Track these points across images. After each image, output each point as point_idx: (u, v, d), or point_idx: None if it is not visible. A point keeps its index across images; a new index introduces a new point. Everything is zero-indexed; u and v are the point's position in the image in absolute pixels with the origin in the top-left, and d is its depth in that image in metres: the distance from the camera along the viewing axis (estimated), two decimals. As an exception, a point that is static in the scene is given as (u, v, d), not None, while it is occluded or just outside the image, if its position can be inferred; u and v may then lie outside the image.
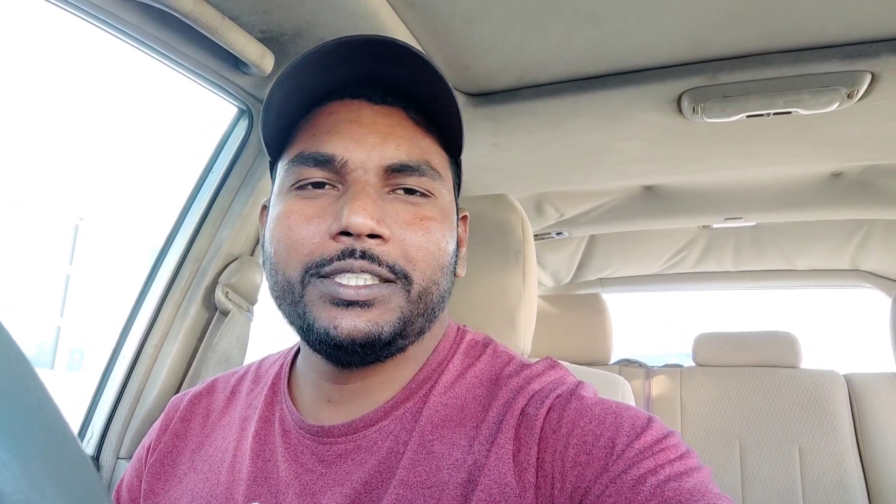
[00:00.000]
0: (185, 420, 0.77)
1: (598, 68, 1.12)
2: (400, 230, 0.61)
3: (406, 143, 0.63)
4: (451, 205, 0.68)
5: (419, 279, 0.62)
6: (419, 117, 0.66)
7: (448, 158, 0.70)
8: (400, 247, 0.61)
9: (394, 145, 0.62)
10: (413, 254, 0.61)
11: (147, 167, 8.92)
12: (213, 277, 1.22)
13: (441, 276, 0.64)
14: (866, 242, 2.28)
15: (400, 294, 0.61)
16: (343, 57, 0.62)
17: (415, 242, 0.61)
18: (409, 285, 0.61)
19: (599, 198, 2.03)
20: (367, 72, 0.63)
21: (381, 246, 0.59)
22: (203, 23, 0.87)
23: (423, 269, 0.62)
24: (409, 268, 0.61)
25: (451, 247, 0.65)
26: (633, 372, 2.32)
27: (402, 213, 0.62)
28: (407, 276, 0.61)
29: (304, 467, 0.64)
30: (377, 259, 0.59)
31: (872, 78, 1.06)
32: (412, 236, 0.61)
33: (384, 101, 0.65)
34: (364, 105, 0.64)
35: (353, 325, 0.59)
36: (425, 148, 0.65)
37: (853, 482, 1.90)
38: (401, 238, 0.61)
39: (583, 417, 0.59)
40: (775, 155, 1.45)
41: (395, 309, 0.60)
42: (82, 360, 8.75)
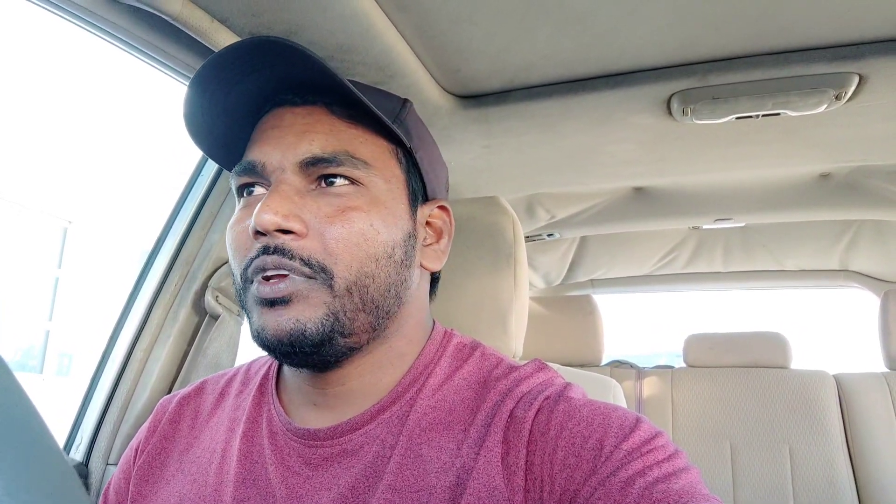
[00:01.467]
0: (174, 422, 0.76)
1: (588, 70, 1.12)
2: (319, 224, 0.61)
3: (321, 137, 0.63)
4: (389, 193, 0.66)
5: (343, 272, 0.61)
6: (346, 110, 0.66)
7: (390, 147, 0.68)
8: (319, 240, 0.61)
9: (307, 141, 0.63)
10: (332, 246, 0.61)
11: (136, 170, 8.87)
12: (202, 281, 1.22)
13: (376, 268, 0.63)
14: (855, 243, 2.29)
15: (321, 289, 0.60)
16: (242, 67, 0.64)
17: (334, 235, 0.61)
18: (329, 279, 0.60)
19: (590, 199, 2.03)
20: (279, 77, 0.65)
21: (297, 241, 0.60)
22: (191, 25, 0.86)
23: (346, 261, 0.61)
24: (329, 261, 0.61)
25: (387, 236, 0.64)
26: (625, 373, 2.33)
27: (324, 207, 0.62)
28: (325, 270, 0.60)
29: (291, 470, 0.64)
30: (289, 253, 0.60)
31: (860, 80, 1.06)
32: (331, 229, 0.61)
33: (304, 101, 0.66)
34: (286, 110, 0.66)
35: (277, 323, 0.60)
36: (347, 139, 0.64)
37: (843, 481, 1.91)
38: (319, 231, 0.61)
39: (571, 419, 0.58)
40: (764, 156, 1.45)
41: (319, 305, 0.60)
42: (71, 364, 8.69)
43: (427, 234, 0.72)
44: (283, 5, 0.87)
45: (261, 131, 0.66)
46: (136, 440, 0.78)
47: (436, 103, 1.18)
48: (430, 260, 0.72)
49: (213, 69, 0.63)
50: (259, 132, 0.67)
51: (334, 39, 0.95)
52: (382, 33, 0.95)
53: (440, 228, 0.74)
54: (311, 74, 0.63)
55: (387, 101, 0.70)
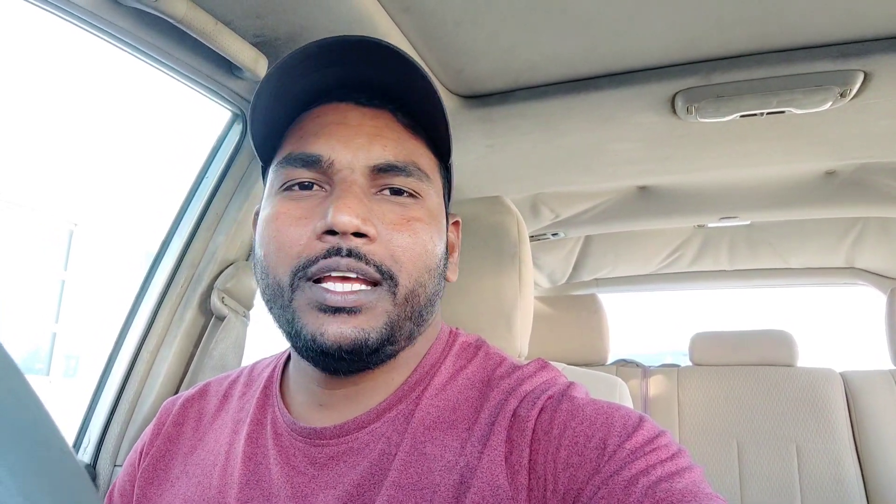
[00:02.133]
0: (178, 424, 0.76)
1: (592, 70, 1.12)
2: (386, 230, 0.61)
3: (393, 144, 0.63)
4: (439, 207, 0.67)
5: (405, 280, 0.61)
6: (407, 119, 0.66)
7: (437, 162, 0.69)
8: (386, 247, 0.60)
9: (380, 146, 0.62)
10: (399, 254, 0.61)
11: (141, 172, 8.90)
12: (208, 283, 1.22)
13: (428, 279, 0.64)
14: (861, 240, 2.28)
15: (386, 298, 0.60)
16: (328, 59, 0.62)
17: (401, 243, 0.61)
18: (394, 287, 0.61)
19: (594, 198, 2.03)
20: (353, 74, 0.64)
21: (368, 245, 0.59)
22: (196, 28, 0.86)
23: (409, 270, 0.61)
24: (396, 268, 0.61)
25: (438, 249, 0.65)
26: (630, 372, 2.33)
27: (389, 214, 0.62)
28: (392, 277, 0.60)
29: (296, 470, 0.64)
30: (364, 257, 0.59)
31: (865, 77, 1.06)
32: (398, 237, 0.61)
33: (371, 103, 0.65)
34: (351, 107, 0.65)
35: (340, 331, 0.58)
36: (412, 149, 0.65)
37: (850, 479, 1.91)
38: (387, 238, 0.61)
39: (574, 418, 0.59)
40: (769, 154, 1.45)
41: (382, 314, 0.60)
42: (78, 366, 8.72)
43: None
44: (287, 7, 0.88)
45: (321, 124, 0.64)
46: (140, 442, 0.78)
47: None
48: (451, 272, 0.73)
49: (303, 59, 0.61)
50: (318, 124, 0.64)
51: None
52: (386, 35, 0.95)
53: (452, 242, 0.75)
54: (399, 81, 0.62)
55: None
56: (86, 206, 8.62)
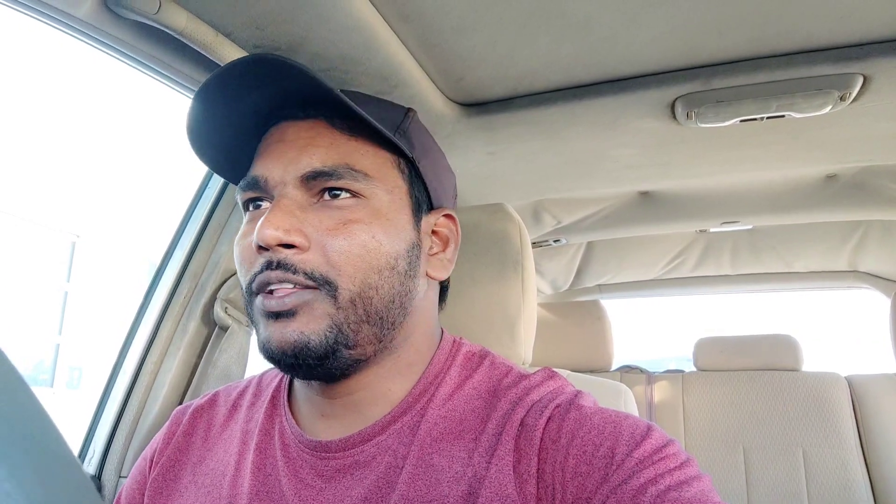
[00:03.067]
0: (188, 434, 0.76)
1: (591, 76, 1.12)
2: (321, 237, 0.62)
3: (322, 151, 0.64)
4: (392, 204, 0.66)
5: (346, 283, 0.61)
6: (346, 123, 0.66)
7: (392, 158, 0.68)
8: (321, 253, 0.61)
9: (308, 155, 0.63)
10: (335, 259, 0.61)
11: (143, 184, 8.92)
12: (211, 293, 1.22)
13: (378, 279, 0.63)
14: (863, 243, 2.28)
15: (325, 301, 0.61)
16: (244, 82, 0.64)
17: (336, 247, 0.61)
18: (333, 291, 0.61)
19: (596, 204, 2.03)
20: (281, 92, 0.66)
21: (299, 255, 0.61)
22: (196, 39, 0.87)
23: (349, 273, 0.61)
24: (333, 273, 0.61)
25: (388, 248, 0.64)
26: (635, 378, 2.32)
27: (326, 220, 0.62)
28: (329, 282, 0.61)
29: (304, 482, 0.64)
30: (292, 267, 0.60)
31: (864, 80, 1.06)
32: (333, 241, 0.61)
33: (306, 115, 0.66)
34: (290, 124, 0.67)
35: (281, 335, 0.60)
36: (347, 152, 0.64)
37: (858, 484, 1.90)
38: (321, 244, 0.61)
39: (582, 427, 0.58)
40: (770, 158, 1.45)
41: (323, 316, 0.61)
42: (81, 377, 8.72)
43: (433, 243, 0.72)
44: (286, 18, 0.88)
45: (265, 146, 0.67)
46: (150, 450, 0.78)
47: (440, 112, 1.18)
48: (436, 269, 0.72)
49: (217, 83, 0.64)
50: (263, 146, 0.67)
51: (337, 50, 0.95)
52: (385, 44, 0.95)
53: (446, 237, 0.74)
54: (310, 89, 0.63)
55: (389, 112, 0.70)
56: (88, 218, 8.64)
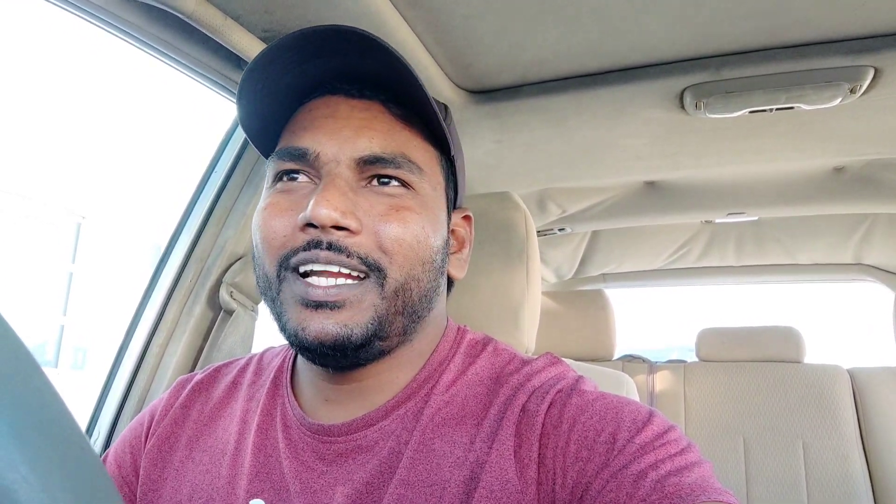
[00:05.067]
0: (186, 407, 0.76)
1: (600, 65, 1.12)
2: (373, 221, 0.60)
3: (380, 136, 0.62)
4: (435, 200, 0.66)
5: (395, 273, 0.60)
6: (401, 110, 0.65)
7: (436, 154, 0.68)
8: (373, 238, 0.60)
9: (367, 138, 0.62)
10: (388, 245, 0.60)
11: (149, 166, 8.92)
12: (217, 277, 1.23)
13: (422, 272, 0.63)
14: (869, 236, 2.27)
15: (373, 291, 0.60)
16: (309, 51, 0.61)
17: (390, 233, 0.60)
18: (382, 279, 0.60)
19: (602, 193, 2.03)
20: (341, 66, 0.63)
21: (351, 238, 0.59)
22: (205, 23, 0.87)
23: (399, 261, 0.61)
24: (384, 260, 0.60)
25: (433, 241, 0.64)
26: (637, 367, 2.32)
27: (377, 205, 0.61)
28: (381, 269, 0.60)
29: (305, 465, 0.64)
30: (345, 250, 0.58)
31: (875, 73, 1.05)
32: (387, 227, 0.60)
33: (362, 94, 0.64)
34: (342, 100, 0.64)
35: (322, 327, 0.58)
36: (403, 141, 0.64)
37: (857, 476, 1.90)
38: (374, 229, 0.60)
39: (584, 413, 0.58)
40: (778, 150, 1.44)
41: (369, 308, 0.60)
42: (86, 358, 8.77)
43: (452, 242, 0.73)
44: (295, 2, 0.88)
45: (311, 118, 0.64)
46: (148, 416, 0.77)
47: (447, 99, 1.18)
48: (455, 268, 0.73)
49: (282, 51, 0.61)
50: (308, 118, 0.64)
51: None
52: (394, 30, 0.95)
53: (462, 237, 0.74)
54: (382, 69, 0.62)
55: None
56: (93, 199, 8.65)
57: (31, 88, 8.44)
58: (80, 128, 8.55)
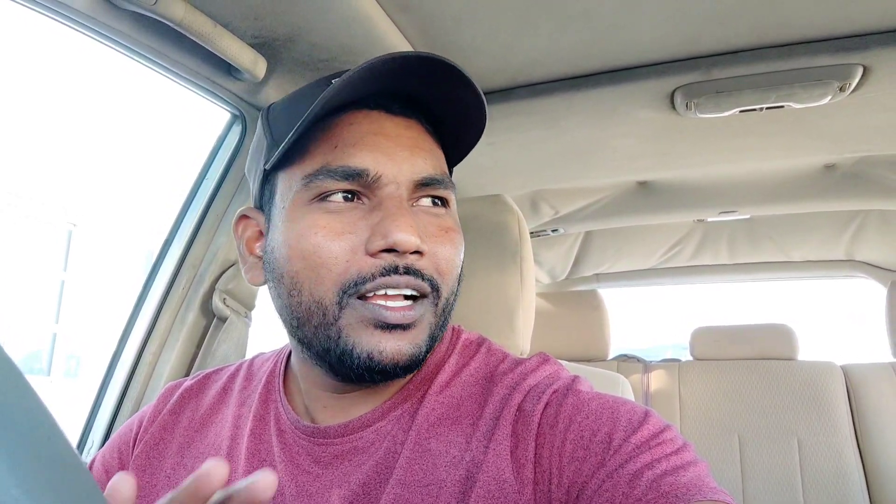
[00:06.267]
0: (175, 413, 0.75)
1: (591, 66, 1.12)
2: (430, 243, 0.61)
3: (430, 156, 0.63)
4: (457, 214, 0.68)
5: (445, 291, 0.63)
6: (431, 127, 0.66)
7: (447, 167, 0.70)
8: (433, 260, 0.61)
9: (421, 159, 0.62)
10: (443, 266, 0.62)
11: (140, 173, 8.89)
12: (210, 284, 1.22)
13: (456, 285, 0.65)
14: (861, 233, 2.28)
15: (430, 309, 0.61)
16: (380, 71, 0.58)
17: (444, 255, 0.62)
18: (437, 298, 0.62)
19: (594, 194, 2.03)
20: (394, 85, 0.62)
21: (420, 261, 0.60)
22: (195, 30, 0.86)
23: (448, 280, 0.63)
24: (440, 280, 0.62)
25: (463, 256, 0.66)
26: (632, 367, 2.33)
27: (429, 227, 0.62)
28: (438, 289, 0.61)
29: (300, 468, 0.64)
30: (419, 273, 0.59)
31: (864, 71, 1.06)
32: (442, 249, 0.62)
33: (402, 112, 0.64)
34: (384, 116, 0.63)
35: (398, 348, 0.58)
36: (441, 159, 0.66)
37: (852, 472, 1.91)
38: (433, 251, 0.61)
39: (580, 412, 0.59)
40: (769, 149, 1.45)
41: (427, 326, 0.61)
42: (78, 366, 8.73)
43: None
44: (285, 9, 0.88)
45: (358, 134, 0.61)
46: (136, 421, 0.77)
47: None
48: None
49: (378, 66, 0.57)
50: (355, 134, 0.61)
51: (336, 41, 0.95)
52: (385, 35, 0.95)
53: None
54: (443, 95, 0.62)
55: None
56: (85, 207, 8.61)
57: (22, 97, 8.40)
58: (71, 134, 8.51)
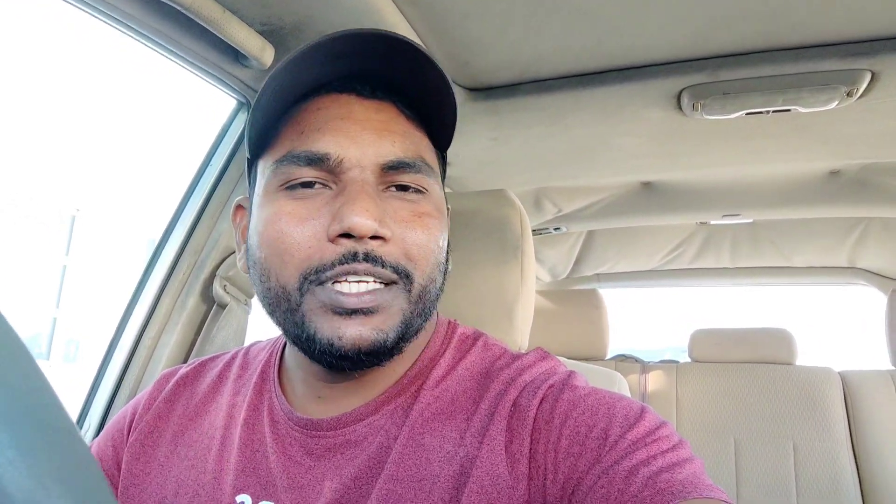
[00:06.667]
0: (170, 401, 0.75)
1: (599, 64, 1.12)
2: (399, 228, 0.59)
3: (401, 139, 0.61)
4: (442, 200, 0.66)
5: (420, 278, 0.60)
6: (410, 111, 0.64)
7: (436, 152, 0.68)
8: (400, 246, 0.59)
9: (389, 142, 0.60)
10: (414, 252, 0.60)
11: (144, 159, 8.89)
12: (211, 270, 1.22)
13: (437, 274, 0.63)
14: (863, 240, 2.28)
15: (401, 296, 0.59)
16: (337, 51, 0.59)
17: (416, 240, 0.60)
18: (409, 285, 0.60)
19: (597, 193, 2.03)
20: (359, 67, 0.61)
21: (383, 247, 0.58)
22: (203, 15, 0.86)
23: (423, 267, 0.60)
24: (411, 267, 0.59)
25: (444, 243, 0.64)
26: (629, 367, 2.33)
27: (401, 211, 0.60)
28: (409, 276, 0.59)
29: (293, 460, 0.64)
30: (380, 260, 0.57)
31: (872, 76, 1.06)
32: (412, 234, 0.60)
33: (374, 95, 0.63)
34: (354, 100, 0.62)
35: (358, 333, 0.57)
36: (418, 143, 0.63)
37: (847, 478, 1.91)
38: (401, 237, 0.59)
39: (576, 408, 0.58)
40: (774, 152, 1.45)
41: (398, 313, 0.59)
42: (78, 350, 8.74)
43: None
44: (294, -4, 0.88)
45: (324, 118, 0.61)
46: (131, 409, 0.77)
47: (445, 95, 1.18)
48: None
49: (309, 52, 0.58)
50: (320, 118, 0.61)
51: None
52: (394, 27, 0.95)
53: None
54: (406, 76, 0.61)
55: None
56: (88, 192, 8.62)
57: (26, 82, 8.40)
58: (75, 121, 8.51)
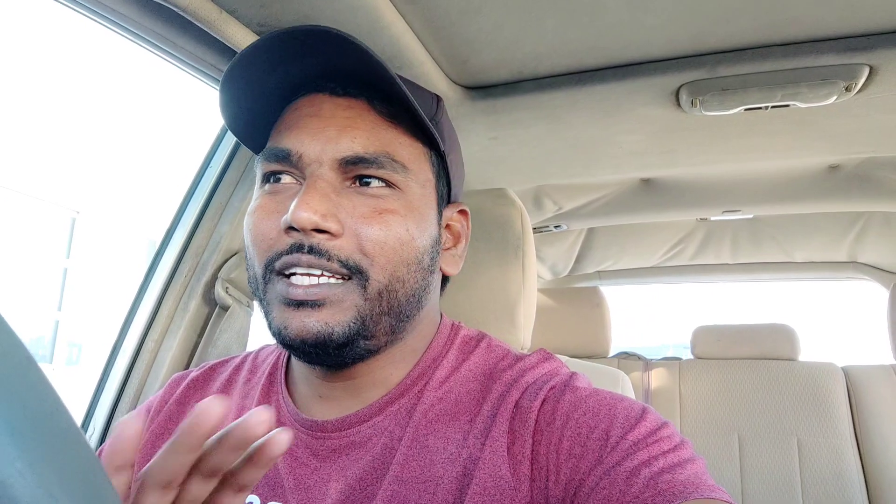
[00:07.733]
0: (181, 404, 0.76)
1: (597, 61, 1.12)
2: (355, 224, 0.60)
3: (363, 135, 0.62)
4: (423, 198, 0.66)
5: (377, 275, 0.60)
6: (386, 108, 0.64)
7: (425, 150, 0.67)
8: (355, 241, 0.60)
9: (349, 137, 0.61)
10: (369, 248, 0.60)
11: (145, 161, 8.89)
12: (212, 272, 1.22)
13: (407, 273, 0.63)
14: (864, 234, 2.28)
15: (355, 292, 0.60)
16: (291, 52, 0.62)
17: (371, 236, 0.60)
18: (365, 281, 0.60)
19: (597, 191, 2.03)
20: (323, 64, 0.63)
21: (332, 241, 0.59)
22: (201, 17, 0.86)
23: (382, 263, 0.61)
24: (365, 263, 0.60)
25: (420, 242, 0.64)
26: (632, 365, 2.33)
27: (360, 207, 0.61)
28: (362, 271, 0.60)
29: (299, 461, 0.64)
30: (326, 254, 0.58)
31: (871, 71, 1.06)
32: (368, 230, 0.60)
33: (346, 92, 0.64)
34: (326, 98, 0.64)
35: (302, 325, 0.59)
36: (387, 139, 0.63)
37: (851, 474, 1.91)
38: (356, 232, 0.60)
39: (577, 409, 0.59)
40: (773, 148, 1.45)
41: (350, 308, 0.60)
42: (80, 354, 8.75)
43: (446, 238, 0.72)
44: (291, -4, 0.87)
45: (296, 117, 0.64)
46: (143, 410, 0.78)
47: (443, 94, 1.18)
48: (448, 264, 0.72)
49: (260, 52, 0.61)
50: (293, 117, 0.64)
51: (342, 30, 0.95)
52: (390, 24, 0.95)
53: (458, 232, 0.74)
54: (360, 67, 0.61)
55: (423, 100, 0.69)
56: (88, 195, 8.62)
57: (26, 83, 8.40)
58: (75, 122, 8.52)
